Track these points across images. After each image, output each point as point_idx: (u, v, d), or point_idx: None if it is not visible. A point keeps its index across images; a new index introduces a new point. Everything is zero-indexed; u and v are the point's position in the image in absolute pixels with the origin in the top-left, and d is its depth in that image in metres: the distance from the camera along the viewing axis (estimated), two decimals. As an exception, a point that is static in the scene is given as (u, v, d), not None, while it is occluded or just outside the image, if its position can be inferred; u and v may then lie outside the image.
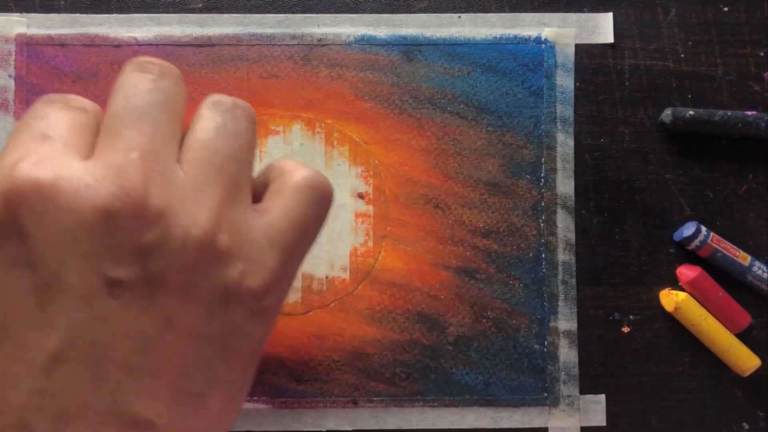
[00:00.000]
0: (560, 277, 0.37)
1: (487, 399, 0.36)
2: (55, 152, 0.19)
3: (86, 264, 0.18)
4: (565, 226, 0.37)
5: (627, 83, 0.38)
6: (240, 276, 0.20)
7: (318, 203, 0.22)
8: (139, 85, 0.20)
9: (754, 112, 0.37)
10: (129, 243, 0.18)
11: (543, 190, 0.37)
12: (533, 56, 0.37)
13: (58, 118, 0.20)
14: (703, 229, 0.36)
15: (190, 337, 0.20)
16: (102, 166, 0.19)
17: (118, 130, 0.19)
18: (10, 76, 0.36)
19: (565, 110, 0.37)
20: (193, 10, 0.37)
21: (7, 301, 0.18)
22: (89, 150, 0.20)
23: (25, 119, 0.20)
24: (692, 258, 0.37)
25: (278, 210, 0.22)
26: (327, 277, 0.36)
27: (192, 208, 0.19)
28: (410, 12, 0.38)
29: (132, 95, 0.20)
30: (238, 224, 0.20)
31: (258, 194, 0.23)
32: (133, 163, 0.19)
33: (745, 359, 0.36)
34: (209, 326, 0.20)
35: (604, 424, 0.37)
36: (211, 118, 0.21)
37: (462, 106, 0.37)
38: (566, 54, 0.38)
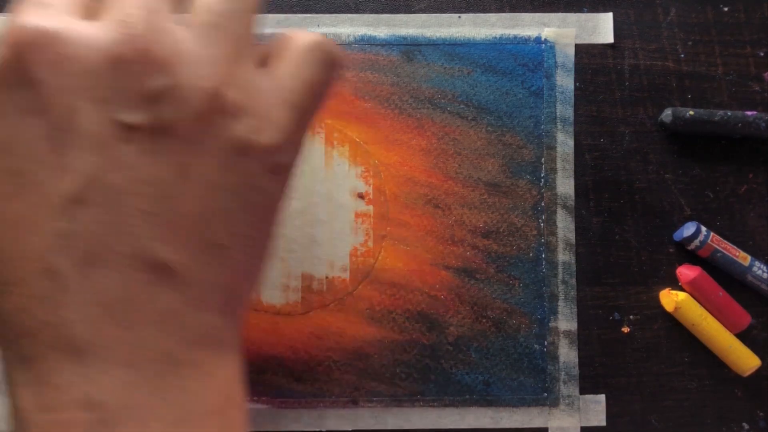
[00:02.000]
0: (560, 277, 0.37)
1: (487, 399, 0.36)
2: (57, 12, 0.19)
3: (97, 108, 0.18)
4: (565, 226, 0.37)
5: (627, 83, 0.38)
6: (251, 131, 0.20)
7: (327, 63, 0.22)
8: None
9: (754, 112, 0.37)
10: (138, 88, 0.19)
11: (543, 190, 0.37)
12: (533, 56, 0.37)
13: None
14: (703, 229, 0.36)
15: (206, 187, 0.20)
16: (105, 23, 0.19)
17: None
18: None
19: (565, 110, 0.37)
20: (193, 10, 0.37)
21: (21, 148, 0.18)
22: (91, 15, 0.20)
23: None
24: (692, 258, 0.37)
25: (287, 69, 0.22)
26: (327, 277, 0.36)
27: (199, 62, 0.19)
28: (410, 12, 0.38)
29: None
30: (247, 82, 0.20)
31: (266, 63, 0.23)
32: (135, 16, 0.19)
33: (745, 359, 0.36)
34: (224, 178, 0.20)
35: (604, 424, 0.37)
36: None
37: (462, 106, 0.37)
38: (566, 54, 0.38)
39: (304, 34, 0.23)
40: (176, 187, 0.19)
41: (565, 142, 0.37)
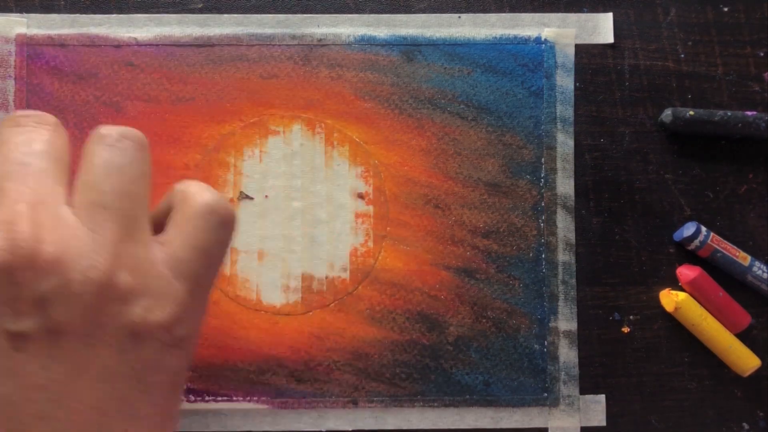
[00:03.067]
0: (560, 277, 0.37)
1: (487, 399, 0.36)
2: None
3: None
4: (565, 226, 0.37)
5: (627, 83, 0.38)
6: (145, 311, 0.20)
7: (219, 228, 0.22)
8: (14, 138, 0.20)
9: (754, 112, 0.37)
10: (27, 294, 0.18)
11: (543, 190, 0.37)
12: (533, 56, 0.37)
13: None
14: (703, 229, 0.36)
15: (104, 379, 0.19)
16: None
17: (3, 186, 0.19)
18: (10, 76, 0.36)
19: (565, 110, 0.37)
20: (193, 10, 0.37)
21: None
22: None
23: None
24: (692, 258, 0.37)
25: (179, 239, 0.21)
26: (327, 277, 0.36)
27: (88, 250, 0.19)
28: (410, 12, 0.38)
29: (10, 150, 0.20)
30: (139, 260, 0.20)
31: (161, 222, 0.23)
32: (20, 215, 0.18)
33: (745, 359, 0.36)
34: (121, 365, 0.20)
35: (604, 424, 0.37)
36: (97, 155, 0.21)
37: (462, 106, 0.37)
38: (566, 54, 0.38)
39: (198, 193, 0.22)
40: (71, 386, 0.19)
41: (565, 142, 0.37)
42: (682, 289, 0.37)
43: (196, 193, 0.22)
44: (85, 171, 0.21)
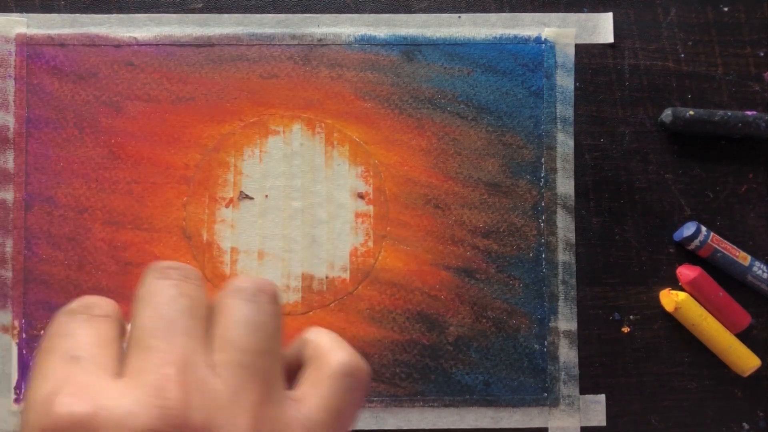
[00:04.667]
0: (560, 277, 0.37)
1: (487, 399, 0.36)
2: (88, 376, 0.19)
3: None
4: (565, 226, 0.37)
5: (627, 83, 0.38)
6: None
7: (356, 390, 0.22)
8: (164, 293, 0.21)
9: (754, 112, 0.37)
10: None
11: (543, 190, 0.37)
12: (533, 56, 0.37)
13: (84, 333, 0.20)
14: (703, 229, 0.36)
15: None
16: (139, 386, 0.19)
17: (149, 343, 0.20)
18: (10, 76, 0.36)
19: (565, 110, 0.37)
20: (193, 10, 0.37)
21: None
22: (119, 362, 0.20)
23: (51, 338, 0.20)
24: (692, 258, 0.37)
25: (314, 400, 0.22)
26: (327, 277, 0.36)
27: (231, 415, 0.19)
28: (410, 12, 0.38)
29: (158, 305, 0.20)
30: (276, 422, 0.20)
31: (291, 370, 0.23)
32: (170, 380, 0.19)
33: (745, 359, 0.36)
34: None
35: (604, 424, 0.37)
36: (236, 311, 0.21)
37: (462, 106, 0.37)
38: (566, 54, 0.38)
39: (334, 351, 0.22)
40: None
41: (565, 142, 0.37)
42: (682, 289, 0.37)
43: (331, 350, 0.23)
44: (224, 327, 0.21)
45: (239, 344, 0.21)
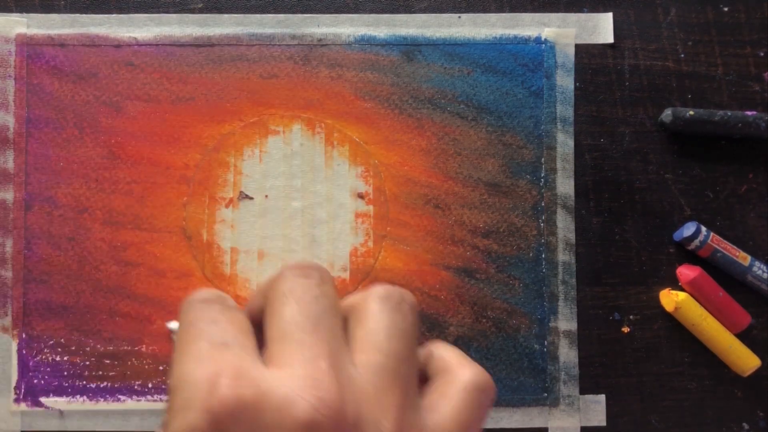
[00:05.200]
0: (560, 277, 0.37)
1: (487, 399, 0.36)
2: (243, 362, 0.20)
3: None
4: (565, 226, 0.37)
5: (627, 83, 0.38)
6: None
7: (485, 405, 0.23)
8: (308, 292, 0.21)
9: (754, 112, 0.37)
10: None
11: (543, 190, 0.37)
12: (533, 56, 0.37)
13: (227, 320, 0.21)
14: (703, 229, 0.36)
15: None
16: (296, 377, 0.19)
17: (301, 338, 0.20)
18: (9, 76, 0.36)
19: (565, 110, 0.37)
20: (193, 10, 0.37)
21: None
22: (257, 351, 0.21)
23: (195, 323, 0.21)
24: (692, 258, 0.37)
25: (447, 412, 0.22)
26: (327, 277, 0.36)
27: (377, 414, 0.20)
28: (410, 12, 0.38)
29: (305, 302, 0.21)
30: (413, 427, 0.21)
31: (423, 385, 0.24)
32: (326, 373, 0.19)
33: (745, 359, 0.36)
34: None
35: (604, 424, 0.37)
36: (382, 316, 0.22)
37: (462, 106, 0.37)
38: (566, 54, 0.38)
39: (463, 366, 0.23)
40: None
41: (565, 142, 0.37)
42: (682, 289, 0.37)
43: (461, 365, 0.23)
44: (369, 331, 0.22)
45: (384, 347, 0.21)
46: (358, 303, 0.22)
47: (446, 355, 0.24)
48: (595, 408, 0.37)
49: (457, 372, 0.23)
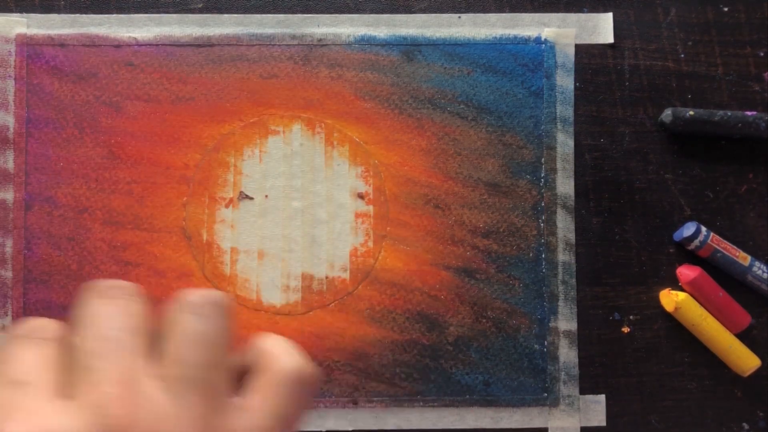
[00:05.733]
0: (560, 277, 0.37)
1: (487, 399, 0.36)
2: (35, 401, 0.19)
3: None
4: (565, 226, 0.37)
5: (627, 83, 0.38)
6: None
7: (304, 396, 0.23)
8: (102, 312, 0.21)
9: (754, 112, 0.37)
10: None
11: (543, 190, 0.37)
12: (533, 56, 0.37)
13: (30, 357, 0.20)
14: (703, 229, 0.36)
15: None
16: (83, 407, 0.19)
17: (92, 364, 0.20)
18: (9, 76, 0.36)
19: (565, 110, 0.37)
20: (193, 10, 0.37)
21: None
22: (69, 383, 0.20)
23: None
24: (692, 258, 0.37)
25: (263, 408, 0.22)
26: (327, 277, 0.36)
27: (177, 428, 0.20)
28: (410, 12, 0.38)
29: (97, 325, 0.21)
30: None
31: (241, 375, 0.23)
32: (113, 398, 0.19)
33: (745, 359, 0.36)
34: None
35: (604, 424, 0.37)
36: (183, 324, 0.22)
37: (462, 106, 0.37)
38: (566, 54, 0.38)
39: (282, 357, 0.23)
40: None
41: (565, 142, 0.37)
42: (682, 289, 0.37)
43: (280, 357, 0.23)
44: (171, 341, 0.21)
45: (184, 358, 0.21)
46: (169, 315, 0.22)
47: (265, 347, 0.23)
48: (595, 408, 0.37)
49: (274, 364, 0.23)
